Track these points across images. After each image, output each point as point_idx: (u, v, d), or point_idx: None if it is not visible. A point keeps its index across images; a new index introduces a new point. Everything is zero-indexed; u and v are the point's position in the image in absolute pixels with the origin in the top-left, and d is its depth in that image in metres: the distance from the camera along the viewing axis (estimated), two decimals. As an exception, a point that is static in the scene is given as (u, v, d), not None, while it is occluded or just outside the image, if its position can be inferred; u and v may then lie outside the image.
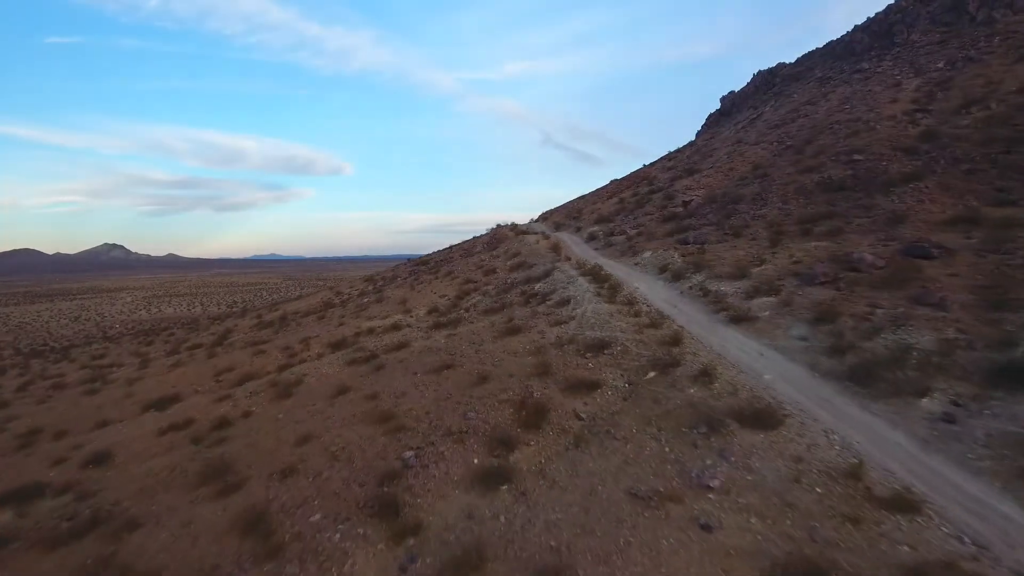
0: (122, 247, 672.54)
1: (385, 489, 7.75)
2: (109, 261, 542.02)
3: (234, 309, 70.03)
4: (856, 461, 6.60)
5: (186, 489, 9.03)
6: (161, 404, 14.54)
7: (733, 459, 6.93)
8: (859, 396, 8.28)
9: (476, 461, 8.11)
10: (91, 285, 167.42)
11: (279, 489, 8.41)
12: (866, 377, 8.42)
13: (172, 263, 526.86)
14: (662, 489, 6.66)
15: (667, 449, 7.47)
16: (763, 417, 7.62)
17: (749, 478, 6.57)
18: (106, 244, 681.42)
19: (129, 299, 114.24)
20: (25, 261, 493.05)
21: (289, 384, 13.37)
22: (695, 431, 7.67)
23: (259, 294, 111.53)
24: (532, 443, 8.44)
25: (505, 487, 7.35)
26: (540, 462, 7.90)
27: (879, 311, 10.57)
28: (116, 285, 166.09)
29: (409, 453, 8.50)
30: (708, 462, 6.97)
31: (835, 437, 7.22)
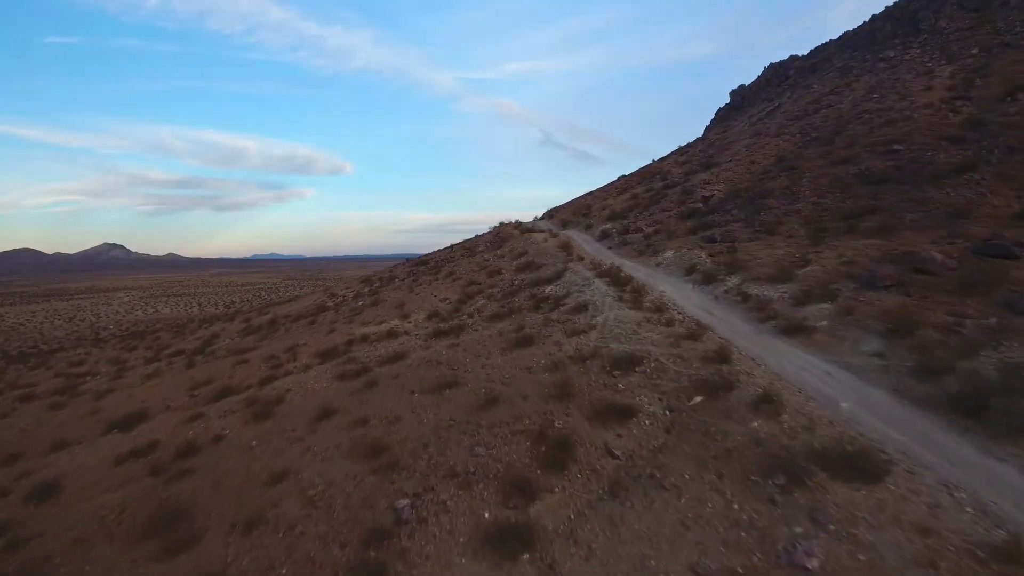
0: (122, 247, 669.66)
1: (372, 553, 6.12)
2: (109, 261, 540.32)
3: (230, 309, 68.45)
4: (1006, 534, 4.88)
5: (131, 541, 7.49)
6: (126, 423, 12.92)
7: (832, 527, 5.20)
8: (971, 433, 6.55)
9: (487, 515, 6.45)
10: (89, 285, 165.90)
11: (241, 546, 6.80)
12: (978, 408, 6.68)
13: (172, 263, 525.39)
14: (740, 569, 4.96)
15: (736, 506, 5.75)
16: (859, 463, 5.89)
17: (861, 558, 4.85)
18: (106, 244, 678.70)
19: (127, 299, 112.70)
20: (25, 261, 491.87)
21: (269, 402, 11.72)
22: (770, 481, 5.94)
23: (258, 294, 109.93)
24: (556, 489, 6.78)
25: (526, 556, 5.68)
26: (569, 517, 6.23)
27: (967, 321, 8.84)
28: (115, 285, 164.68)
29: (403, 502, 6.85)
30: (798, 529, 5.25)
31: (961, 495, 5.48)
